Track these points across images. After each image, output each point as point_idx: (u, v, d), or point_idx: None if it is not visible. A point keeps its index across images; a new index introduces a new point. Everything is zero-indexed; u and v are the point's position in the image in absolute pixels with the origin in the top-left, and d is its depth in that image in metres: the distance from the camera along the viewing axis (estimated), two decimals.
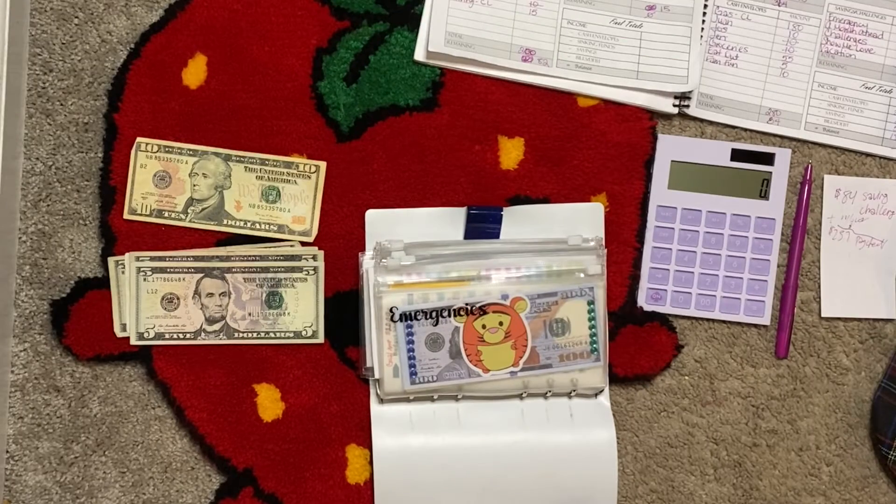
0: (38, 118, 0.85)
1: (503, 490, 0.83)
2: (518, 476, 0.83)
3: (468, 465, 0.82)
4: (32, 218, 0.84)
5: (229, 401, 0.85)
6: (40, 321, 0.84)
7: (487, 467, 0.83)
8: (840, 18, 0.86)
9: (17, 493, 0.85)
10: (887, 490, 0.87)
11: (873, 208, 0.87)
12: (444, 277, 0.82)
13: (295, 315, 0.84)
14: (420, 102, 0.85)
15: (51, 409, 0.85)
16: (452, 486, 0.82)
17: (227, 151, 0.85)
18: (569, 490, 0.83)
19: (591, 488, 0.84)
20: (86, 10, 0.85)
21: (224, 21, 0.85)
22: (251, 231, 0.85)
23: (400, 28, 0.85)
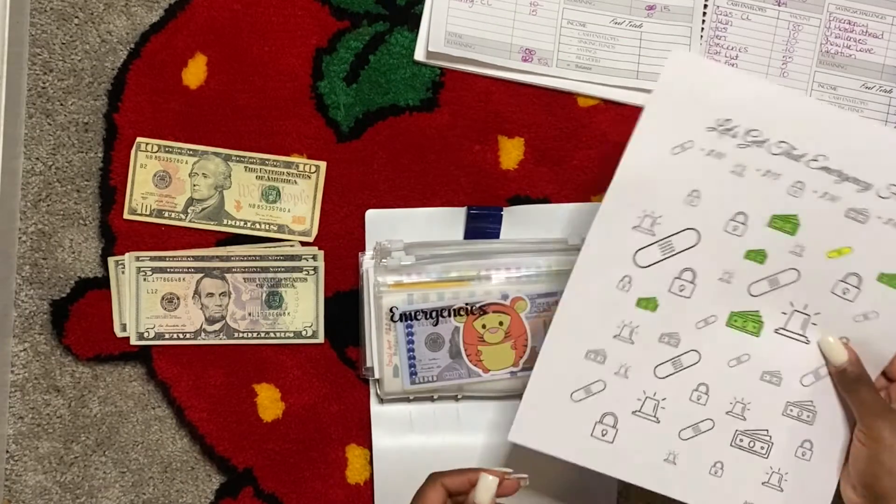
0: (38, 118, 0.85)
1: None
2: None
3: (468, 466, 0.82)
4: (32, 218, 0.84)
5: (229, 401, 0.85)
6: (40, 321, 0.85)
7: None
8: (840, 18, 0.86)
9: (17, 493, 0.85)
10: None
11: None
12: (444, 277, 0.82)
13: (295, 315, 0.85)
14: (420, 102, 0.85)
15: (51, 409, 0.85)
16: None
17: (227, 151, 0.85)
18: (569, 490, 0.83)
19: (592, 488, 0.84)
20: (86, 10, 0.85)
21: (224, 21, 0.85)
22: (251, 231, 0.85)
23: (400, 28, 0.85)
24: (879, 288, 0.68)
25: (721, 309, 0.69)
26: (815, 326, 0.69)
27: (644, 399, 0.70)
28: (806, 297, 0.69)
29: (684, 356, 0.69)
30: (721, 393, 0.69)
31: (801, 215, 0.68)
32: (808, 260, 0.68)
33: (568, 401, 0.70)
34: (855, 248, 0.68)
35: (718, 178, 0.67)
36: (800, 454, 0.70)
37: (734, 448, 0.70)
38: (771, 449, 0.70)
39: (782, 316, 0.69)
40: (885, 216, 0.67)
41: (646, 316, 0.69)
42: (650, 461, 0.70)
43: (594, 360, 0.70)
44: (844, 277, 0.68)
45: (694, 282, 0.68)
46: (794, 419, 0.70)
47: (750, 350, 0.69)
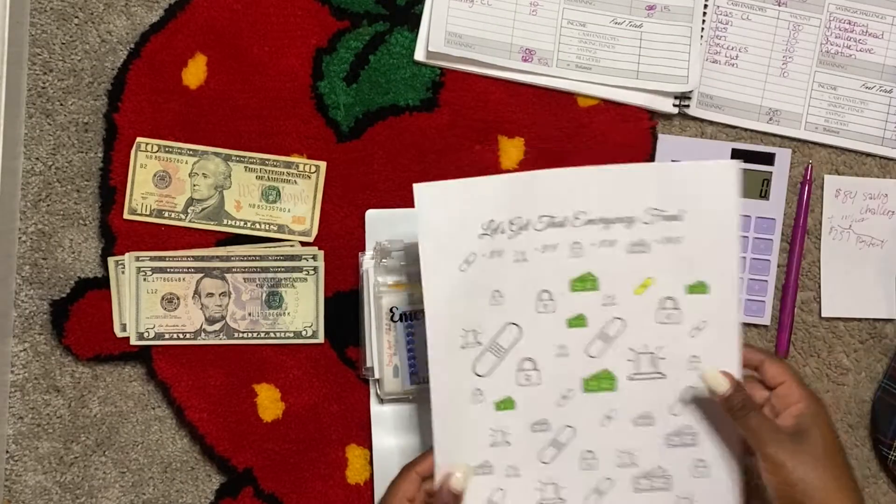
0: (38, 118, 0.85)
1: None
2: None
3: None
4: (32, 218, 0.85)
5: (229, 401, 0.85)
6: (40, 321, 0.85)
7: None
8: (840, 18, 0.86)
9: (17, 493, 0.85)
10: (887, 490, 0.87)
11: (873, 208, 0.87)
12: None
13: (295, 315, 0.85)
14: (420, 102, 0.85)
15: (51, 409, 0.85)
16: None
17: (227, 151, 0.85)
18: None
19: None
20: (86, 10, 0.85)
21: (224, 21, 0.85)
22: (251, 231, 0.85)
23: (400, 28, 0.85)
24: (693, 299, 0.70)
25: (573, 381, 0.71)
26: (664, 360, 0.71)
27: (542, 487, 0.72)
28: (641, 338, 0.71)
29: (560, 435, 0.72)
30: (606, 452, 0.72)
31: (593, 270, 0.70)
32: (623, 305, 0.71)
33: None
34: (654, 276, 0.71)
35: (508, 272, 0.70)
36: (698, 475, 0.72)
37: (639, 493, 0.72)
38: (671, 480, 0.72)
39: (629, 363, 0.71)
40: (659, 237, 0.70)
41: (509, 416, 0.71)
42: None
43: (483, 473, 0.72)
44: (661, 305, 0.71)
45: (536, 368, 0.71)
46: (679, 446, 0.72)
47: (615, 404, 0.71)
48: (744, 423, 0.69)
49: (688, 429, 0.72)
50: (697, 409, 0.72)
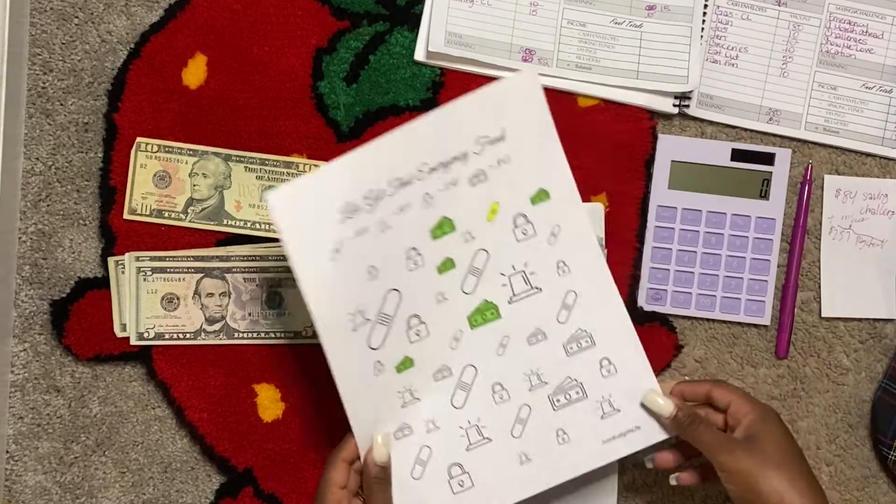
0: (38, 118, 0.85)
1: None
2: None
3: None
4: (32, 218, 0.84)
5: (229, 401, 0.85)
6: (40, 321, 0.84)
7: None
8: (840, 18, 0.86)
9: (17, 493, 0.85)
10: (887, 490, 0.87)
11: (873, 208, 0.87)
12: None
13: (295, 315, 0.84)
14: (420, 102, 0.85)
15: (51, 409, 0.85)
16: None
17: (227, 151, 0.85)
18: (569, 490, 0.83)
19: (592, 488, 0.84)
20: (86, 10, 0.85)
21: (224, 21, 0.85)
22: (251, 231, 0.85)
23: (400, 28, 0.85)
24: (541, 208, 0.73)
25: (458, 321, 0.74)
26: (535, 274, 0.74)
27: (465, 432, 0.74)
28: (507, 260, 0.74)
29: (463, 376, 0.74)
30: (513, 379, 0.74)
31: (447, 214, 0.73)
32: (481, 236, 0.73)
33: (412, 482, 0.73)
34: (499, 199, 0.73)
35: (376, 244, 0.72)
36: (605, 373, 0.74)
37: (560, 409, 0.74)
38: (584, 387, 0.74)
39: (504, 288, 0.74)
40: (492, 161, 0.73)
41: (411, 374, 0.73)
42: (511, 475, 0.74)
43: (405, 435, 0.73)
44: (514, 224, 0.74)
45: (422, 321, 0.73)
46: (579, 351, 0.74)
47: (504, 331, 0.74)
48: (694, 437, 0.72)
49: (581, 333, 0.74)
50: (582, 310, 0.74)
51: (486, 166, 0.73)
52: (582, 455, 0.74)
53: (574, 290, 0.74)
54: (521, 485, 0.74)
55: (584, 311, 0.74)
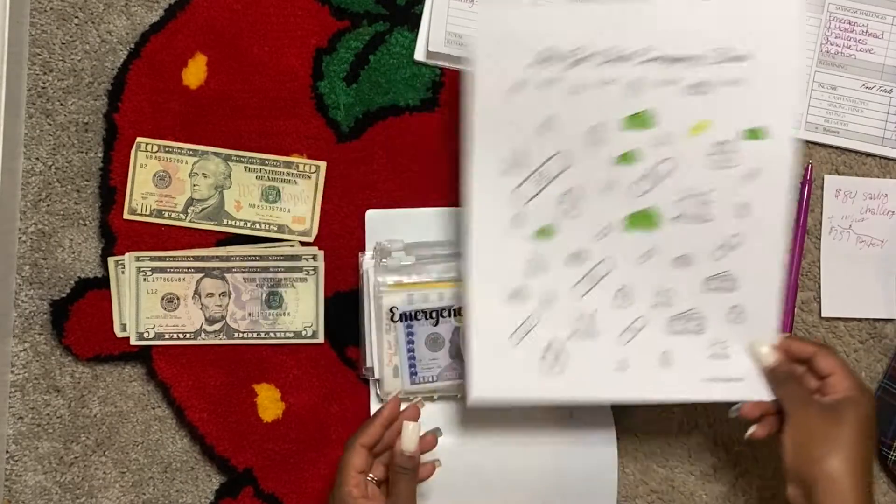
0: (38, 118, 0.85)
1: (503, 490, 0.83)
2: (518, 476, 0.83)
3: (467, 466, 0.82)
4: (32, 218, 0.84)
5: (229, 401, 0.85)
6: (40, 321, 0.84)
7: (487, 468, 0.83)
8: (840, 18, 0.86)
9: (17, 493, 0.85)
10: (887, 490, 0.87)
11: (873, 208, 0.87)
12: (444, 277, 0.82)
13: (295, 315, 0.84)
14: (420, 102, 0.85)
15: (51, 409, 0.85)
16: (451, 486, 0.82)
17: (227, 151, 0.85)
18: (569, 490, 0.83)
19: (591, 488, 0.84)
20: (86, 10, 0.85)
21: (224, 21, 0.85)
22: (251, 231, 0.85)
23: (400, 28, 0.85)
24: (750, 145, 0.70)
25: (615, 216, 0.72)
26: (712, 204, 0.71)
27: (577, 320, 0.72)
28: (690, 179, 0.71)
29: (596, 268, 0.72)
30: (642, 290, 0.72)
31: (650, 109, 0.70)
32: (676, 146, 0.70)
33: (509, 348, 0.72)
34: (712, 118, 0.70)
35: (561, 102, 0.69)
36: (732, 319, 0.72)
37: (672, 335, 0.72)
38: (704, 323, 0.72)
39: (675, 204, 0.71)
40: (723, 78, 0.69)
41: (548, 244, 0.72)
42: (604, 376, 0.72)
43: (517, 300, 0.72)
44: (715, 149, 0.70)
45: (579, 200, 0.71)
46: (716, 290, 0.72)
47: (655, 243, 0.72)
48: (782, 390, 0.70)
49: (727, 274, 0.72)
50: (740, 256, 0.71)
51: (714, 80, 0.69)
52: (678, 384, 0.72)
53: (743, 235, 0.71)
54: (609, 389, 0.72)
55: (742, 258, 0.71)
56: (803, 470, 0.67)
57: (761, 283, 0.72)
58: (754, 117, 0.70)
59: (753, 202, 0.71)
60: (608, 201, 0.71)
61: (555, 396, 0.73)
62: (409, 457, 0.71)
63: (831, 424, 0.68)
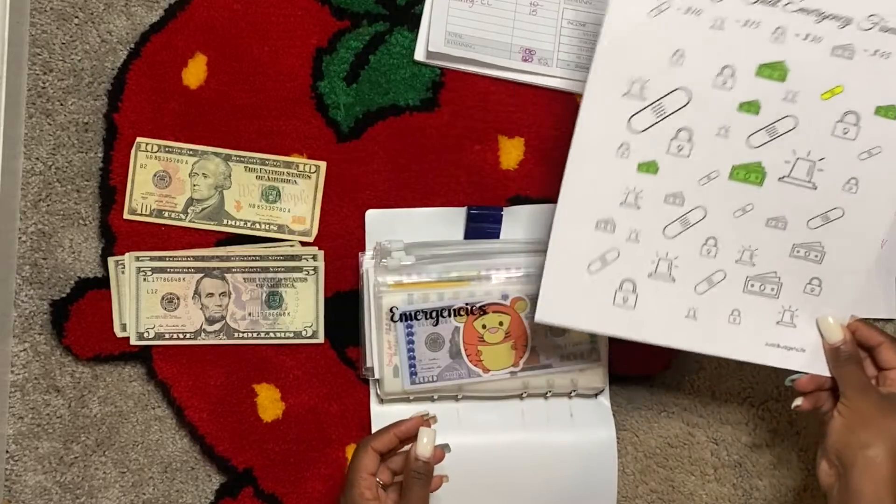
0: (38, 118, 0.85)
1: (503, 490, 0.83)
2: (518, 476, 0.83)
3: (468, 466, 0.82)
4: (32, 218, 0.84)
5: (229, 401, 0.85)
6: (40, 321, 0.85)
7: (487, 468, 0.83)
8: None
9: (17, 493, 0.85)
10: None
11: None
12: (444, 277, 0.82)
13: (295, 315, 0.85)
14: (420, 102, 0.85)
15: (51, 409, 0.85)
16: (452, 486, 0.82)
17: (227, 151, 0.85)
18: (569, 490, 0.83)
19: (591, 488, 0.84)
20: (86, 10, 0.85)
21: (224, 21, 0.85)
22: (251, 231, 0.85)
23: (400, 28, 0.85)
24: (878, 122, 0.69)
25: (722, 163, 0.70)
26: (822, 172, 0.70)
27: (657, 261, 0.72)
28: (807, 142, 0.69)
29: (690, 213, 0.71)
30: (729, 244, 0.72)
31: (787, 61, 0.68)
32: (803, 105, 0.69)
33: (585, 274, 0.72)
34: (847, 86, 0.68)
35: (699, 34, 0.68)
36: (808, 290, 0.72)
37: (747, 294, 0.72)
38: (780, 289, 0.72)
39: (786, 165, 0.70)
40: (871, 48, 0.68)
41: (648, 180, 0.70)
42: (672, 321, 0.72)
43: (604, 229, 0.71)
44: (842, 117, 0.69)
45: (691, 140, 0.70)
46: (802, 259, 0.72)
47: (754, 200, 0.71)
48: (842, 371, 0.71)
49: (817, 245, 0.71)
50: (836, 230, 0.71)
51: (859, 47, 0.67)
52: (741, 343, 0.73)
53: (846, 209, 0.71)
54: (674, 336, 0.73)
55: (838, 233, 0.71)
56: (847, 452, 0.68)
57: (849, 261, 0.71)
58: (892, 95, 0.68)
59: (865, 180, 0.70)
60: (719, 147, 0.70)
61: (620, 332, 0.73)
62: (424, 462, 0.71)
63: (884, 415, 0.68)
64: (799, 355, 0.73)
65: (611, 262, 0.71)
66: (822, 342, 0.72)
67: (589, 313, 0.72)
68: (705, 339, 0.73)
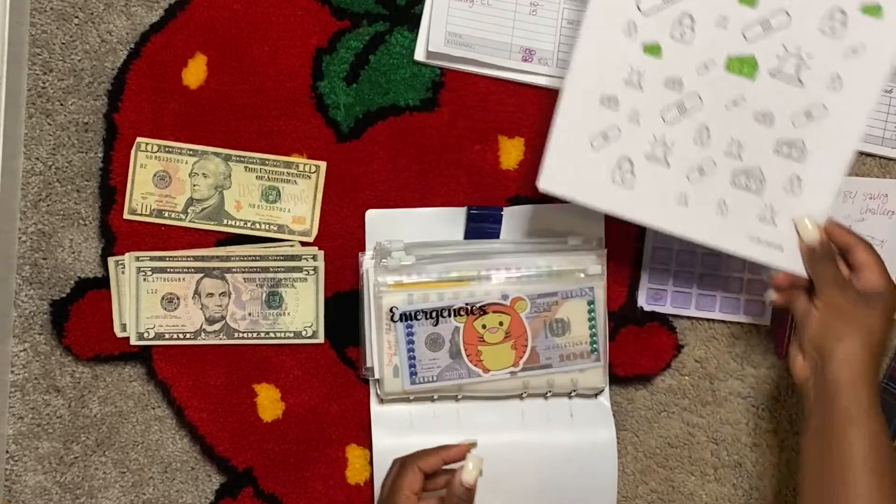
0: (38, 118, 0.85)
1: (503, 490, 0.83)
2: (518, 476, 0.83)
3: None
4: (32, 218, 0.84)
5: (229, 401, 0.85)
6: (40, 321, 0.84)
7: (487, 468, 0.83)
8: None
9: (17, 493, 0.85)
10: None
11: (873, 208, 0.87)
12: (444, 277, 0.82)
13: (295, 315, 0.85)
14: (420, 102, 0.85)
15: (51, 409, 0.85)
16: None
17: (227, 151, 0.85)
18: (569, 490, 0.83)
19: (591, 488, 0.84)
20: (86, 10, 0.85)
21: (224, 21, 0.85)
22: (251, 231, 0.85)
23: (400, 28, 0.85)
24: (864, 20, 0.72)
25: (719, 53, 0.74)
26: (810, 70, 0.73)
27: (655, 143, 0.75)
28: (797, 38, 0.73)
29: (688, 100, 0.75)
30: (720, 134, 0.75)
31: None
32: (794, 2, 0.73)
33: (588, 148, 0.75)
34: None
35: None
36: (789, 189, 0.75)
37: (733, 187, 0.75)
38: (764, 185, 0.75)
39: (776, 59, 0.74)
40: None
41: (651, 62, 0.74)
42: (665, 204, 0.76)
43: (608, 106, 0.74)
44: (830, 14, 0.73)
45: (693, 28, 0.74)
46: (785, 157, 0.75)
47: (745, 92, 0.74)
48: (819, 269, 0.74)
49: (800, 143, 0.74)
50: (819, 128, 0.74)
51: None
52: (726, 233, 0.76)
53: (829, 108, 0.74)
54: (666, 218, 0.76)
55: (820, 130, 0.74)
56: (824, 345, 0.71)
57: (829, 161, 0.74)
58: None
59: (849, 78, 0.73)
60: (718, 37, 0.73)
61: (617, 209, 0.76)
62: (467, 489, 0.71)
63: (860, 309, 0.71)
64: (776, 253, 0.76)
65: (612, 139, 0.75)
66: (799, 241, 0.75)
67: (589, 187, 0.75)
68: (694, 225, 0.76)
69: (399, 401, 0.84)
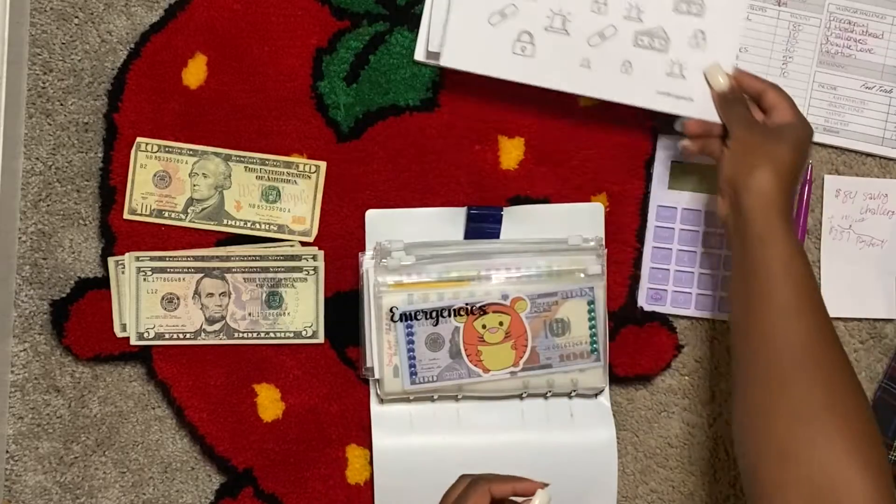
0: (38, 118, 0.85)
1: None
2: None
3: (468, 466, 0.82)
4: (32, 218, 0.84)
5: (229, 401, 0.85)
6: (40, 321, 0.84)
7: (487, 468, 0.83)
8: (840, 18, 0.86)
9: (17, 493, 0.85)
10: None
11: (873, 208, 0.87)
12: (445, 277, 0.82)
13: (295, 315, 0.84)
14: (420, 102, 0.85)
15: (51, 409, 0.85)
16: None
17: (227, 151, 0.85)
18: (569, 490, 0.83)
19: (591, 488, 0.84)
20: (86, 10, 0.85)
21: (224, 21, 0.85)
22: (251, 231, 0.85)
23: (400, 28, 0.85)
24: None
25: None
26: None
27: (553, 16, 0.79)
28: None
29: None
30: (617, 1, 0.79)
31: None
32: None
33: (486, 25, 0.79)
34: None
35: None
36: (694, 44, 0.79)
37: (637, 48, 0.79)
38: (669, 44, 0.79)
39: None
40: None
41: None
42: (568, 68, 0.80)
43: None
44: None
45: None
46: (685, 14, 0.79)
47: None
48: (730, 113, 0.77)
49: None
50: None
51: None
52: (634, 89, 0.80)
53: None
54: (571, 81, 0.80)
55: None
56: (737, 179, 0.73)
57: (726, 12, 0.79)
58: None
59: None
60: None
61: (519, 77, 0.79)
62: None
63: (770, 142, 0.73)
64: (688, 104, 0.79)
65: (509, 16, 0.79)
66: (710, 90, 0.78)
67: (491, 60, 0.80)
68: (601, 85, 0.80)
69: (399, 401, 0.84)
